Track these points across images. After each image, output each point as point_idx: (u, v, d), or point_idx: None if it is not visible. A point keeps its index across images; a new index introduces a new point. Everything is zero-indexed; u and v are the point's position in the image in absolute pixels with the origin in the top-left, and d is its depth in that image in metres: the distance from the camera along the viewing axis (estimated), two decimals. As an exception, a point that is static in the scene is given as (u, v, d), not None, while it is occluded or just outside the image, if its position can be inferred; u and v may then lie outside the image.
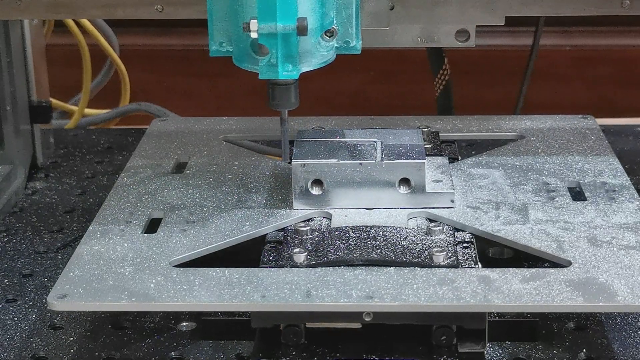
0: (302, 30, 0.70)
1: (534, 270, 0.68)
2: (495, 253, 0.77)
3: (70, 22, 1.12)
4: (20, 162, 0.98)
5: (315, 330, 0.69)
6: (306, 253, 0.70)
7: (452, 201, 0.77)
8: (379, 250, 0.71)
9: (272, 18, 0.69)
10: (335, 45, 0.74)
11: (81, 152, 1.07)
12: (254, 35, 0.70)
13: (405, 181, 0.77)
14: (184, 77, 1.40)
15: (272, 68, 0.71)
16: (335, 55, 0.74)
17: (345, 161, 0.77)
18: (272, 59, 0.71)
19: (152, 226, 0.76)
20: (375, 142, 0.80)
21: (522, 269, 0.69)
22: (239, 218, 0.76)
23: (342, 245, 0.71)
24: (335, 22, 0.74)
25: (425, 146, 0.82)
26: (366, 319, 0.67)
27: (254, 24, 0.69)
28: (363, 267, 0.69)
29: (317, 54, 0.73)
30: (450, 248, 0.71)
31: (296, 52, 0.71)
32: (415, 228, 0.74)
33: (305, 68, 0.73)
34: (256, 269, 0.70)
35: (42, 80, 1.02)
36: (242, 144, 0.92)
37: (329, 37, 0.73)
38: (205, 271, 0.69)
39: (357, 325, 0.69)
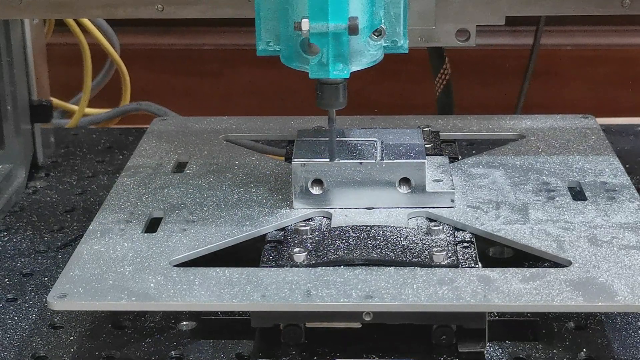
0: (353, 30, 0.70)
1: (534, 270, 0.68)
2: (496, 253, 0.77)
3: (70, 22, 1.12)
4: (21, 161, 0.98)
5: (315, 330, 0.69)
6: (306, 253, 0.70)
7: (452, 201, 0.77)
8: (379, 250, 0.71)
9: (324, 17, 0.69)
10: (383, 44, 0.74)
11: (82, 151, 1.07)
12: (305, 34, 0.70)
13: (405, 181, 0.77)
14: (185, 76, 1.40)
15: (323, 67, 0.71)
16: (383, 55, 0.74)
17: (346, 161, 0.77)
18: (323, 59, 0.71)
19: (152, 226, 0.76)
20: (375, 141, 0.80)
21: (522, 268, 0.69)
22: (239, 218, 0.76)
23: (342, 245, 0.71)
24: (383, 21, 0.74)
25: (426, 146, 0.82)
26: (366, 319, 0.67)
27: (305, 23, 0.69)
28: (363, 267, 0.69)
29: (367, 53, 0.73)
30: (450, 248, 0.71)
31: (347, 52, 0.71)
32: (416, 228, 0.74)
33: (355, 67, 0.73)
34: (256, 268, 0.70)
35: (42, 79, 1.02)
36: (243, 143, 0.92)
37: (377, 36, 0.73)
38: (205, 271, 0.69)
39: (357, 325, 0.69)
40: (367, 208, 0.77)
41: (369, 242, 0.72)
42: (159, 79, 1.40)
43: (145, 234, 0.75)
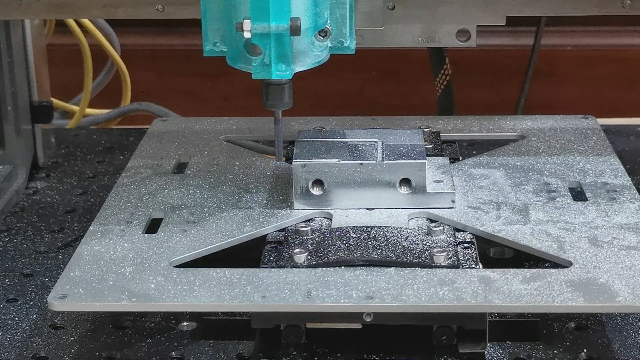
0: (295, 30, 0.70)
1: (534, 270, 0.68)
2: (496, 253, 0.77)
3: (71, 22, 1.12)
4: (21, 161, 0.98)
5: (315, 331, 0.69)
6: (307, 253, 0.70)
7: (453, 201, 0.77)
8: (379, 251, 0.71)
9: (265, 18, 0.69)
10: (329, 45, 0.74)
11: (82, 152, 1.07)
12: (247, 35, 0.70)
13: (406, 181, 0.77)
14: (185, 77, 1.40)
15: (266, 68, 0.71)
16: (329, 55, 0.74)
17: (346, 161, 0.77)
18: (266, 59, 0.71)
19: (153, 226, 0.76)
20: (376, 142, 0.80)
21: (522, 269, 0.69)
22: (239, 218, 0.76)
23: (342, 246, 0.71)
24: (329, 22, 0.74)
25: (426, 146, 0.82)
26: (367, 320, 0.67)
27: (247, 24, 0.69)
28: (363, 268, 0.69)
29: (311, 53, 0.73)
30: (450, 248, 0.71)
31: (289, 52, 0.71)
32: (416, 228, 0.74)
33: (299, 68, 0.73)
34: (257, 269, 0.70)
35: (43, 80, 1.02)
36: (243, 144, 0.92)
37: (323, 37, 0.73)
38: (205, 271, 0.69)
39: (358, 326, 0.69)
40: (367, 209, 0.77)
41: (370, 242, 0.72)
42: (160, 80, 1.40)
43: (146, 235, 0.75)
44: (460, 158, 0.86)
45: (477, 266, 0.70)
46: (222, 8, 0.72)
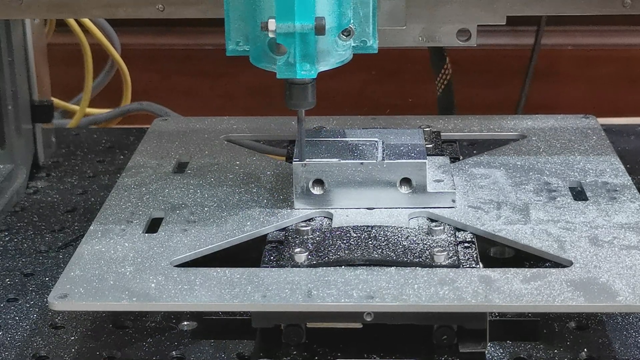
0: (320, 30, 0.70)
1: (535, 270, 0.68)
2: (497, 253, 0.77)
3: (71, 22, 1.12)
4: (22, 161, 0.98)
5: (316, 330, 0.69)
6: (307, 253, 0.70)
7: (454, 201, 0.77)
8: (380, 250, 0.71)
9: (291, 17, 0.69)
10: (352, 44, 0.74)
11: (82, 151, 1.07)
12: (272, 34, 0.70)
13: (406, 181, 0.77)
14: (186, 76, 1.40)
15: (290, 67, 0.71)
16: (352, 55, 0.74)
17: (347, 161, 0.77)
18: (290, 59, 0.71)
19: (153, 226, 0.76)
20: (376, 141, 0.80)
21: (523, 269, 0.69)
22: (239, 218, 0.76)
23: (343, 245, 0.71)
24: (352, 21, 0.74)
25: (427, 146, 0.82)
26: (367, 319, 0.67)
27: (272, 24, 0.69)
28: (364, 267, 0.69)
29: (335, 53, 0.73)
30: (451, 248, 0.71)
31: (314, 52, 0.71)
32: (417, 228, 0.74)
33: (323, 67, 0.73)
34: (257, 268, 0.70)
35: (43, 79, 1.03)
36: (244, 143, 0.92)
37: (346, 36, 0.73)
38: (206, 271, 0.69)
39: (358, 325, 0.69)
40: (368, 208, 0.77)
41: (370, 242, 0.72)
42: (160, 79, 1.40)
43: (146, 234, 0.75)
44: (461, 157, 0.86)
45: (478, 266, 0.70)
46: (245, 7, 0.72)
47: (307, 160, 0.76)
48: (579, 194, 0.80)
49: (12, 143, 0.97)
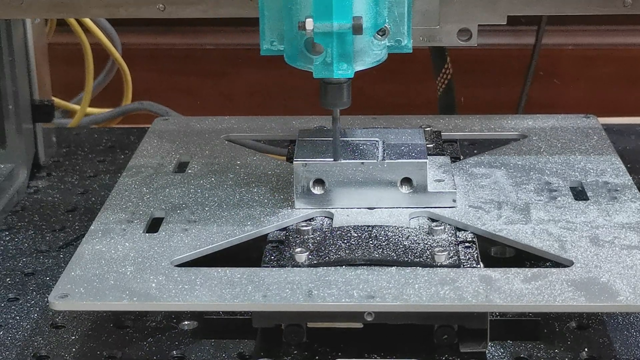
0: (357, 29, 0.70)
1: (535, 270, 0.68)
2: (497, 252, 0.77)
3: (72, 21, 1.12)
4: (23, 161, 0.98)
5: (316, 330, 0.69)
6: (308, 253, 0.70)
7: (454, 201, 0.77)
8: (380, 250, 0.71)
9: (328, 17, 0.69)
10: (387, 44, 0.74)
11: (83, 151, 1.07)
12: (309, 34, 0.70)
13: (407, 181, 0.76)
14: (186, 76, 1.40)
15: (327, 67, 0.71)
16: (387, 54, 0.74)
17: (347, 161, 0.77)
18: (327, 58, 0.71)
19: (154, 225, 0.76)
20: (377, 141, 0.80)
21: (524, 268, 0.69)
22: (240, 217, 0.76)
23: (343, 245, 0.71)
24: (387, 20, 0.74)
25: (427, 145, 0.82)
26: (368, 319, 0.67)
27: (309, 23, 0.69)
28: (365, 267, 0.69)
29: (371, 52, 0.73)
30: (452, 248, 0.71)
31: (351, 51, 0.71)
32: (417, 228, 0.74)
33: (359, 67, 0.73)
34: (258, 268, 0.70)
35: (44, 79, 1.02)
36: (244, 143, 0.92)
37: (382, 35, 0.73)
38: (206, 271, 0.69)
39: (359, 325, 0.69)
40: (368, 208, 0.77)
41: (371, 242, 0.72)
42: (161, 79, 1.40)
43: (147, 234, 0.75)
44: (462, 157, 0.86)
45: (478, 265, 0.70)
46: (281, 7, 0.72)
47: (308, 160, 0.76)
48: (579, 193, 0.80)
49: (13, 143, 0.97)
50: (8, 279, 0.82)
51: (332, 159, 0.76)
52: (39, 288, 0.80)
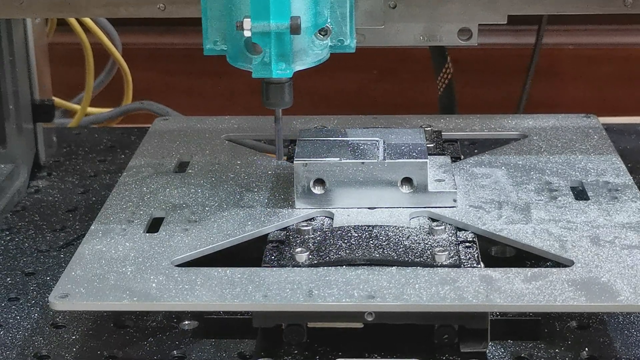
0: (295, 29, 0.70)
1: (536, 269, 0.68)
2: (498, 252, 0.77)
3: (72, 21, 1.12)
4: (23, 160, 0.98)
5: (317, 330, 0.69)
6: (308, 252, 0.70)
7: (455, 200, 0.77)
8: (381, 250, 0.71)
9: (266, 17, 0.69)
10: (330, 44, 0.74)
11: (84, 150, 1.07)
12: (247, 34, 0.70)
13: (407, 180, 0.76)
14: (187, 75, 1.40)
15: (266, 67, 0.71)
16: (329, 54, 0.74)
17: (348, 160, 0.77)
18: (266, 58, 0.71)
19: (154, 225, 0.76)
20: (377, 141, 0.80)
21: (524, 268, 0.69)
22: (240, 217, 0.76)
23: (344, 245, 0.71)
24: (329, 20, 0.74)
25: (428, 145, 0.82)
26: (368, 319, 0.67)
27: (247, 23, 0.69)
28: (365, 267, 0.69)
29: (311, 52, 0.73)
30: (452, 248, 0.71)
31: (290, 51, 0.71)
32: (418, 227, 0.74)
33: (299, 67, 0.73)
34: (258, 268, 0.70)
35: (44, 79, 1.03)
36: (245, 143, 0.92)
37: (323, 35, 0.73)
38: (207, 271, 0.69)
39: (359, 325, 0.69)
40: (369, 208, 0.77)
41: (371, 242, 0.72)
42: (161, 79, 1.40)
43: (147, 234, 0.75)
44: (462, 157, 0.86)
45: (479, 265, 0.70)
46: (222, 7, 0.72)
47: (308, 160, 0.76)
48: (580, 193, 0.80)
49: (13, 142, 0.97)
50: (8, 279, 0.82)
51: (335, 159, 0.76)
52: (40, 288, 0.80)
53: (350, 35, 0.75)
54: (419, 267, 0.69)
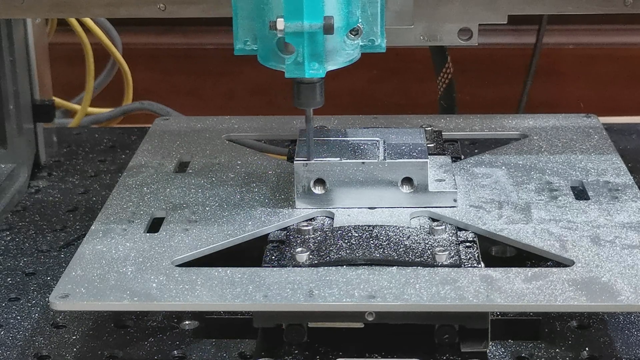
0: (328, 29, 0.70)
1: (536, 269, 0.68)
2: (498, 252, 0.77)
3: (73, 21, 1.12)
4: (23, 160, 0.98)
5: (317, 330, 0.69)
6: (308, 252, 0.70)
7: (455, 200, 0.77)
8: (381, 250, 0.71)
9: (299, 17, 0.69)
10: (361, 43, 0.74)
11: (84, 150, 1.07)
12: (280, 34, 0.70)
13: (407, 180, 0.76)
14: (187, 75, 1.40)
15: (299, 67, 0.71)
16: (360, 54, 0.74)
17: (348, 160, 0.77)
18: (299, 58, 0.71)
19: (155, 225, 0.76)
20: (377, 141, 0.80)
21: (524, 268, 0.68)
22: (241, 217, 0.76)
23: (344, 245, 0.71)
24: (360, 20, 0.74)
25: (428, 145, 0.82)
26: (368, 319, 0.67)
27: (280, 23, 0.69)
28: (365, 267, 0.69)
29: (343, 52, 0.73)
30: (452, 247, 0.71)
31: (322, 51, 0.71)
32: (418, 227, 0.74)
33: (331, 67, 0.73)
34: (258, 268, 0.70)
35: (45, 79, 1.03)
36: (245, 143, 0.92)
37: (354, 35, 0.73)
38: (207, 271, 0.69)
39: (360, 325, 0.69)
40: (369, 208, 0.77)
41: (372, 241, 0.72)
42: (161, 79, 1.40)
43: (148, 234, 0.75)
44: (462, 157, 0.86)
45: (479, 265, 0.70)
46: (254, 6, 0.72)
47: (308, 159, 0.76)
48: (580, 193, 0.80)
49: (14, 142, 0.98)
50: (9, 279, 0.82)
51: (335, 159, 0.76)
52: (40, 288, 0.80)
53: (380, 35, 0.75)
54: (419, 267, 0.69)
